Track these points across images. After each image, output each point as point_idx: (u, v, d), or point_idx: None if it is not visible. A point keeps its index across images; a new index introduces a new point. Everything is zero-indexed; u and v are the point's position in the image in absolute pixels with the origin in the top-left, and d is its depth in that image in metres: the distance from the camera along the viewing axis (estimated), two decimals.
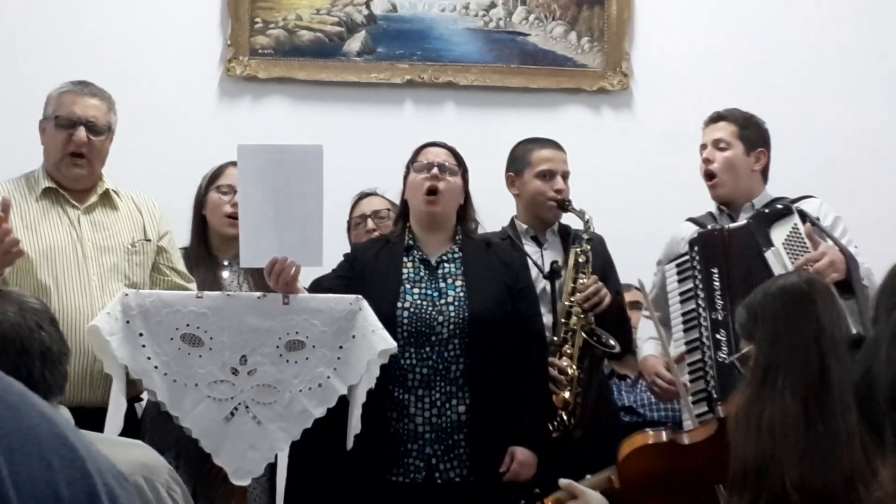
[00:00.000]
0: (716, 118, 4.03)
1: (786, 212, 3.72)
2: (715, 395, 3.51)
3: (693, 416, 3.44)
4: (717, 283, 3.67)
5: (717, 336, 3.60)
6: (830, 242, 3.62)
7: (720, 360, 3.54)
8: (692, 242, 3.82)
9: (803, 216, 3.68)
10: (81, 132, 3.58)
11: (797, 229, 3.66)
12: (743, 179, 3.98)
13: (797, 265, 3.53)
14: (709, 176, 3.97)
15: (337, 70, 5.09)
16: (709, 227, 3.91)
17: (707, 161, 3.97)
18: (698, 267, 3.75)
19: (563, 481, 2.90)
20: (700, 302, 3.70)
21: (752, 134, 4.00)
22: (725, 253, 3.72)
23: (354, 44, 5.09)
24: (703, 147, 4.01)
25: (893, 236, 3.68)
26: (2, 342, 2.17)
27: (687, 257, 3.82)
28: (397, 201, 3.95)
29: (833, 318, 2.44)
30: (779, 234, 3.67)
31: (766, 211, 3.78)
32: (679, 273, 3.84)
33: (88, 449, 1.13)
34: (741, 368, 2.66)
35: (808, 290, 2.49)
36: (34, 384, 2.16)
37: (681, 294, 3.82)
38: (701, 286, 3.72)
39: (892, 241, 3.66)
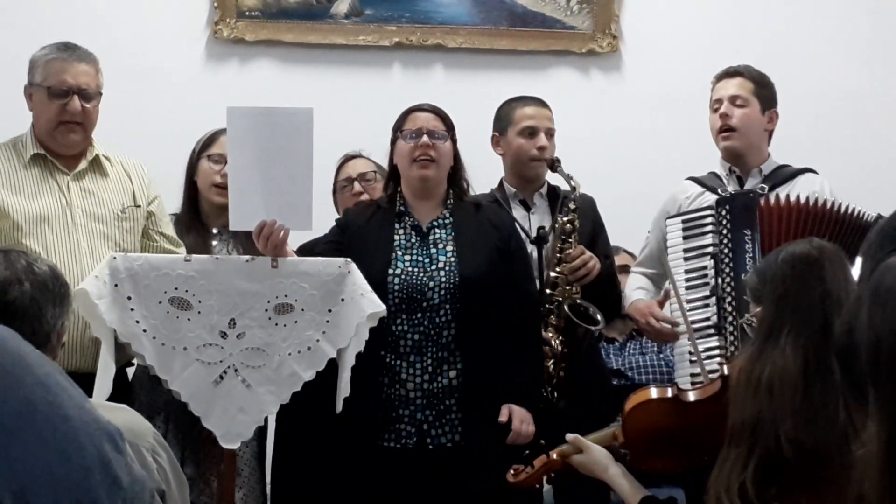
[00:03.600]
0: (732, 73, 3.97)
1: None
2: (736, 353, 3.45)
3: (697, 350, 3.41)
4: (748, 246, 3.62)
5: (746, 297, 3.57)
6: None
7: (749, 323, 3.51)
8: (721, 201, 3.76)
9: None
10: (76, 102, 3.55)
11: None
12: (756, 138, 3.94)
13: None
14: (725, 129, 3.91)
15: (324, 32, 5.06)
16: (719, 189, 3.86)
17: (725, 116, 3.91)
18: (728, 227, 3.69)
19: (570, 436, 2.95)
20: (727, 261, 3.65)
21: (767, 93, 3.97)
22: (790, 222, 3.61)
23: (342, 6, 5.06)
24: (718, 102, 3.95)
25: (877, 197, 3.66)
26: None
27: (705, 213, 3.76)
28: (384, 163, 3.93)
29: (840, 282, 2.46)
30: None
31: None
32: (686, 229, 3.80)
33: (81, 413, 1.09)
34: (749, 332, 2.68)
35: (818, 256, 2.51)
36: None
37: (686, 251, 3.78)
38: (729, 245, 3.67)
39: (876, 202, 3.63)
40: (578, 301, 3.82)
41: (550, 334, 3.79)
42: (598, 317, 3.81)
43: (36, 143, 3.60)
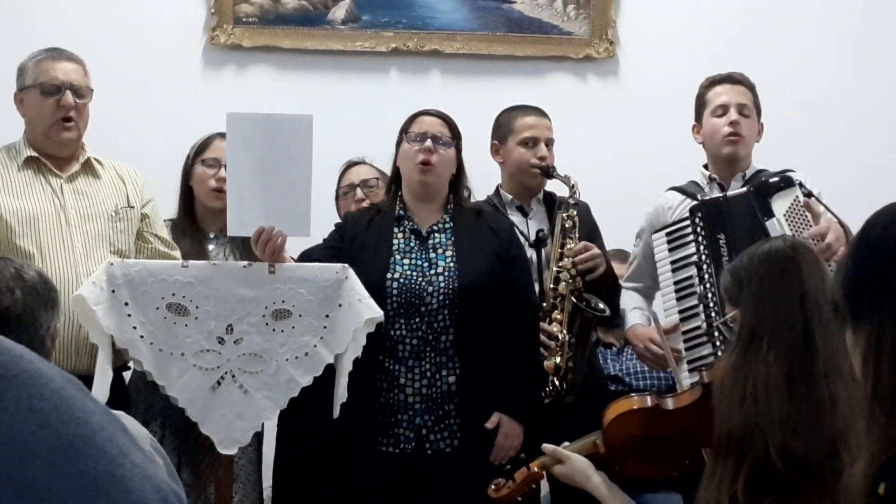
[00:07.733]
0: (736, 80, 4.00)
1: (787, 184, 3.70)
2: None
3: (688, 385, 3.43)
4: (724, 250, 3.66)
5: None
6: (830, 215, 3.61)
7: (728, 325, 3.52)
8: (694, 210, 3.79)
9: (804, 190, 3.67)
10: (69, 96, 3.58)
11: (798, 201, 3.64)
12: (751, 147, 4.00)
13: (808, 237, 3.51)
14: (735, 135, 3.92)
15: (322, 38, 5.06)
16: (699, 196, 3.88)
17: (736, 124, 3.90)
18: (703, 233, 3.72)
19: (546, 447, 2.90)
20: (705, 268, 3.68)
21: (759, 103, 4.01)
22: (730, 220, 3.71)
23: (339, 12, 5.06)
24: (722, 107, 3.94)
25: (865, 202, 3.67)
26: None
27: (684, 224, 3.79)
28: (386, 170, 3.94)
29: (818, 282, 2.43)
30: (780, 205, 3.66)
31: (768, 181, 3.75)
32: (670, 241, 3.82)
33: (143, 483, 0.97)
34: (727, 333, 2.66)
35: (793, 255, 2.48)
36: None
37: (672, 263, 3.80)
38: (706, 252, 3.70)
39: (864, 208, 3.64)
40: (584, 294, 3.83)
41: (556, 328, 3.79)
42: (602, 305, 3.82)
43: (29, 147, 3.61)
